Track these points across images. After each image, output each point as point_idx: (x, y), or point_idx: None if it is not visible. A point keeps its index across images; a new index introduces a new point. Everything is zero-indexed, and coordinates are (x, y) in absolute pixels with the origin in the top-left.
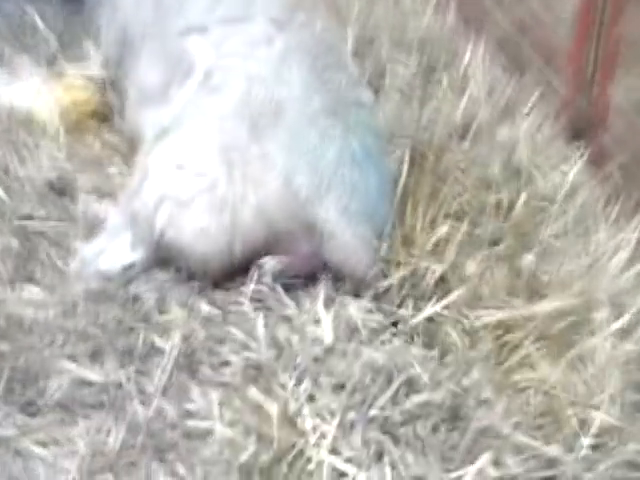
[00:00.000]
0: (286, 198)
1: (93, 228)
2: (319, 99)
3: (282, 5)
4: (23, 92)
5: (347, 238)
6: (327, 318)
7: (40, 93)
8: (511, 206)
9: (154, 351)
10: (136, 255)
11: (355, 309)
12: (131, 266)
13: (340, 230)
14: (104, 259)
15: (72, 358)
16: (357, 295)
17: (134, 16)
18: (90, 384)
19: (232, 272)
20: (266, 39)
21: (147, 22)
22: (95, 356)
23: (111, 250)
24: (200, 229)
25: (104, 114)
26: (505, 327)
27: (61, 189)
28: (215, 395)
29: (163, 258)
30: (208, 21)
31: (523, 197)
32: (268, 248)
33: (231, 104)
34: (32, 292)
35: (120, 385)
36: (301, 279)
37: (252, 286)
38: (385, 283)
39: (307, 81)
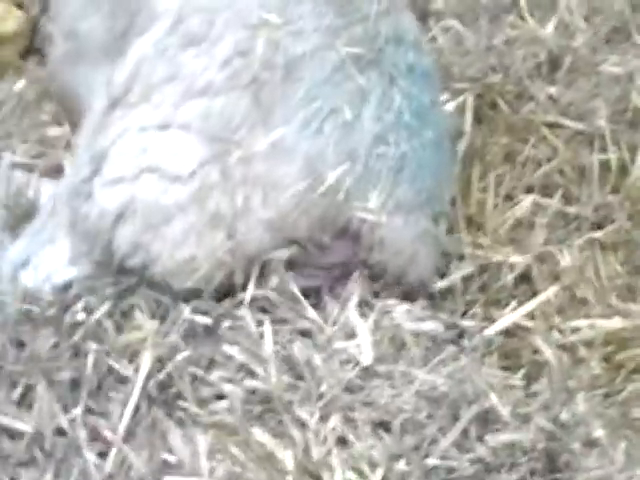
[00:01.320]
0: (311, 201)
1: (19, 218)
2: (344, 47)
3: None
4: None
5: (397, 237)
6: (364, 330)
7: None
8: (623, 171)
9: (113, 381)
10: (75, 272)
11: (403, 318)
12: (67, 286)
13: (386, 229)
14: (29, 273)
15: None
16: (405, 299)
17: None
18: (18, 434)
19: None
20: None
21: None
22: (23, 398)
23: (39, 261)
24: (183, 259)
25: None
26: (618, 342)
27: None
28: (204, 441)
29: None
30: None
31: None
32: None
33: (221, 65)
34: None
35: (61, 432)
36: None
37: (254, 290)
38: (444, 283)
39: (326, 23)
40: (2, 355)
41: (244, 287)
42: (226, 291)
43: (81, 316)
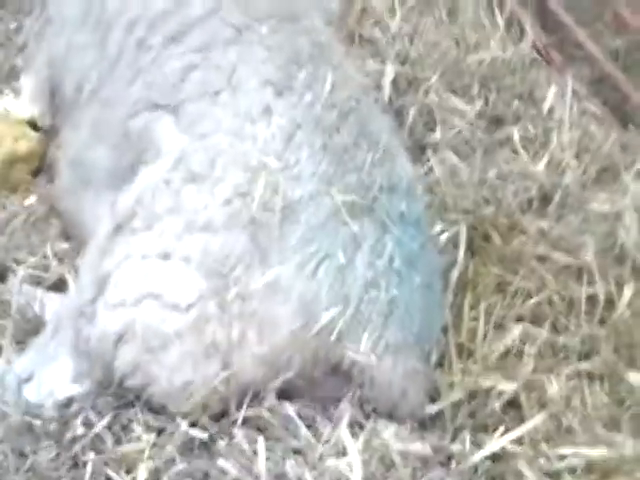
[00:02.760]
0: (304, 340)
1: (26, 331)
2: (339, 194)
3: (276, 60)
4: None
5: (387, 378)
6: (354, 449)
7: None
8: (610, 305)
9: None
10: (77, 389)
11: (392, 438)
12: (69, 402)
13: (377, 370)
14: (32, 388)
15: None
16: (394, 419)
17: (64, 61)
18: None
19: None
20: (261, 110)
21: (85, 75)
22: None
23: (42, 377)
24: (180, 385)
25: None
26: (602, 472)
27: None
28: None
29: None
30: (180, 96)
31: (628, 292)
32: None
33: (221, 205)
34: None
35: None
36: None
37: (247, 410)
38: (434, 407)
39: (323, 170)
40: (3, 465)
41: (239, 406)
42: (222, 411)
43: (81, 430)
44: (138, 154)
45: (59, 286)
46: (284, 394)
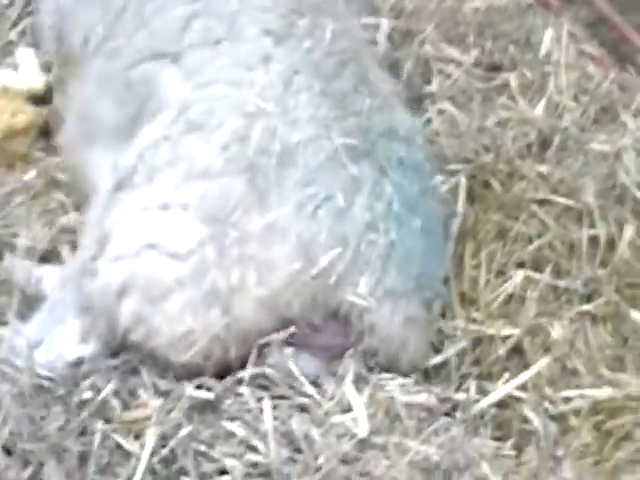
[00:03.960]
0: (303, 282)
1: (28, 303)
2: (338, 137)
3: (277, 9)
4: None
5: (386, 323)
6: (360, 403)
7: None
8: (611, 246)
9: (119, 457)
10: (87, 349)
11: (397, 391)
12: (78, 362)
13: (376, 314)
14: (42, 352)
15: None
16: (396, 371)
17: (71, 14)
18: None
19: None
20: (260, 58)
21: (91, 28)
22: (34, 469)
23: (51, 341)
24: (181, 333)
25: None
26: (608, 412)
27: None
28: None
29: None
30: (181, 45)
31: (629, 232)
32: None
33: (219, 151)
34: None
35: None
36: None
37: (253, 369)
38: (438, 358)
39: (322, 113)
40: (17, 432)
41: (244, 365)
42: (225, 370)
43: (89, 394)
44: (141, 105)
45: (56, 259)
46: (287, 345)
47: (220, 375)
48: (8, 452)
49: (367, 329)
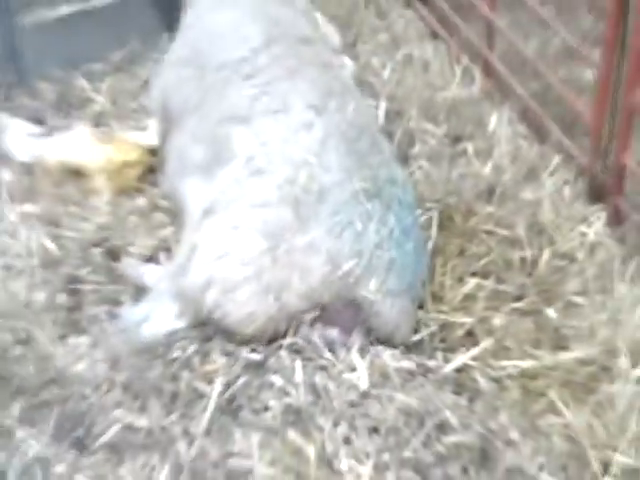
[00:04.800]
0: (331, 281)
1: (137, 291)
2: (358, 182)
3: (317, 91)
4: (76, 149)
5: (387, 312)
6: (362, 366)
7: (92, 151)
8: (535, 263)
9: (198, 396)
10: (180, 324)
11: (388, 358)
12: (173, 333)
13: (380, 305)
14: (148, 326)
15: (118, 405)
16: (390, 344)
17: (175, 89)
18: (136, 428)
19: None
20: (305, 125)
21: (188, 99)
22: (141, 402)
23: (155, 318)
24: (246, 314)
25: (152, 176)
26: (530, 376)
27: (108, 250)
28: (256, 437)
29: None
30: (251, 113)
31: (546, 255)
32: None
33: (275, 189)
34: (80, 345)
35: (165, 428)
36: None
37: (290, 339)
38: (417, 336)
39: (346, 165)
40: (130, 376)
41: (284, 335)
42: (272, 338)
43: (178, 353)
44: (221, 151)
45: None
46: (317, 320)
47: (268, 341)
48: (124, 390)
49: (373, 314)
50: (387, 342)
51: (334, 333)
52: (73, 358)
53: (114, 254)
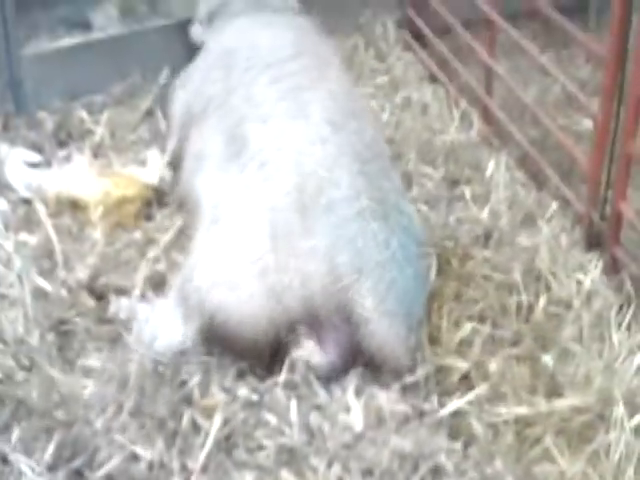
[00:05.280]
0: (330, 292)
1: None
2: (365, 202)
3: (338, 109)
4: (74, 181)
5: (382, 328)
6: (357, 407)
7: (90, 185)
8: (531, 309)
9: (197, 431)
10: (186, 337)
11: (384, 399)
12: (181, 350)
13: (376, 320)
14: (158, 343)
15: (123, 432)
16: (385, 387)
17: (199, 92)
18: (137, 459)
19: (272, 354)
20: (321, 139)
21: (212, 98)
22: (144, 432)
23: (163, 335)
24: (249, 315)
25: (148, 212)
26: (525, 422)
27: (100, 288)
28: (250, 476)
29: (210, 339)
30: (269, 114)
31: (542, 301)
32: (309, 330)
33: (284, 195)
34: (90, 365)
35: (163, 463)
36: (333, 372)
37: (285, 375)
38: (412, 378)
39: (356, 184)
40: (136, 395)
41: (281, 369)
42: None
43: (184, 377)
44: (236, 151)
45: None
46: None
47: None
48: (131, 415)
49: (368, 334)
50: (380, 364)
51: (328, 355)
52: (80, 382)
53: (107, 292)
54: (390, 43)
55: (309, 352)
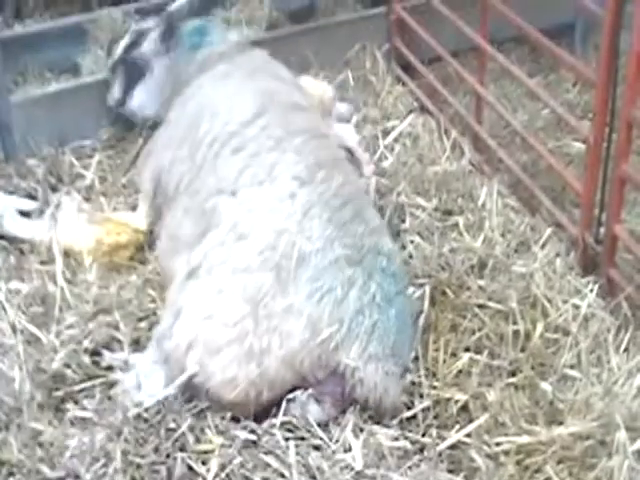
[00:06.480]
0: (311, 347)
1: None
2: (339, 250)
3: (304, 165)
4: (66, 230)
5: (370, 374)
6: (357, 445)
7: (83, 233)
8: (528, 337)
9: (192, 477)
10: (170, 391)
11: (383, 437)
12: (165, 400)
13: (363, 370)
14: (141, 394)
15: None
16: (384, 424)
17: (168, 172)
18: None
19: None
20: (289, 194)
21: (181, 178)
22: None
23: (146, 386)
24: (229, 379)
25: (141, 256)
26: (526, 452)
27: (95, 343)
28: None
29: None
30: (237, 185)
31: (539, 328)
32: (295, 388)
33: (257, 255)
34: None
35: None
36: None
37: (282, 417)
38: (410, 413)
39: (328, 234)
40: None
41: (276, 412)
42: (261, 411)
43: (172, 425)
44: (208, 224)
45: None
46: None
47: (259, 416)
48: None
49: (358, 382)
50: (377, 409)
51: (322, 405)
52: (64, 434)
53: (101, 344)
54: (379, 76)
55: (304, 405)
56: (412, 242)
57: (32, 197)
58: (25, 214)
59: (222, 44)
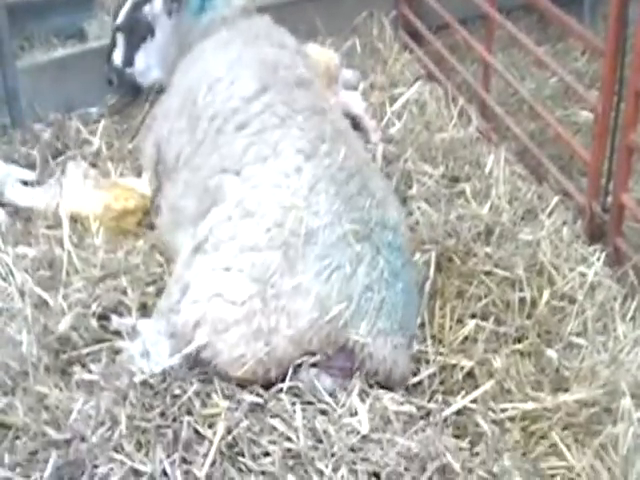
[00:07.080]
0: (319, 325)
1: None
2: (347, 225)
3: (307, 138)
4: (73, 196)
5: (380, 352)
6: (363, 410)
7: (90, 199)
8: (534, 304)
9: (199, 440)
10: (175, 361)
11: (389, 402)
12: (171, 369)
13: (372, 347)
14: (147, 362)
15: (120, 447)
16: (390, 389)
17: (167, 141)
18: (138, 473)
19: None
20: (295, 169)
21: (181, 150)
22: (142, 445)
23: (152, 355)
24: (236, 357)
25: (148, 223)
26: (532, 418)
27: (102, 306)
28: None
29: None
30: (241, 163)
31: (545, 295)
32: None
33: (264, 232)
34: (84, 379)
35: (166, 473)
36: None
37: (289, 382)
38: (416, 379)
39: (335, 208)
40: (131, 414)
41: (283, 378)
42: (268, 384)
43: (178, 391)
44: (212, 202)
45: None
46: (312, 367)
47: (267, 386)
48: (128, 428)
49: (367, 357)
50: (386, 380)
51: (331, 378)
52: (70, 397)
53: (108, 309)
54: (387, 43)
55: (314, 376)
56: (419, 209)
57: (34, 166)
58: (26, 183)
59: (227, 8)
